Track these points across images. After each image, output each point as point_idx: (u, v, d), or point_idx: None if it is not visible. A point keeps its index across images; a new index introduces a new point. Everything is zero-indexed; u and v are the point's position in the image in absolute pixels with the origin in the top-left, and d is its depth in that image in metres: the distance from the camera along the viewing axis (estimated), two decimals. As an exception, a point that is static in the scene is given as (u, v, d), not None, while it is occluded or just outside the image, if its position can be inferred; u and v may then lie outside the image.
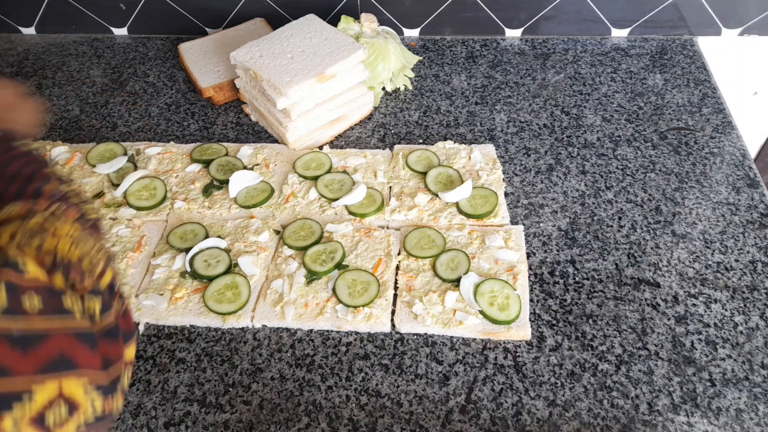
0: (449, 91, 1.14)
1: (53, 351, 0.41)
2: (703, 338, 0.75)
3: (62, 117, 1.14)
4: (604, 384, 0.71)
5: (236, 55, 1.00)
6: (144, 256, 0.86)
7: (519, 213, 0.90)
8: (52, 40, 1.35)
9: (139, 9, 1.30)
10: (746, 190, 0.92)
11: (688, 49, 1.20)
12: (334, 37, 1.02)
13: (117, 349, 0.48)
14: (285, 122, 0.98)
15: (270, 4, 1.26)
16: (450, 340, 0.76)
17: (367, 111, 1.09)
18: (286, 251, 0.85)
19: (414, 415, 0.69)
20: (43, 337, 0.41)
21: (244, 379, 0.74)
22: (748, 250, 0.84)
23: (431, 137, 1.04)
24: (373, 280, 0.80)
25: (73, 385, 0.42)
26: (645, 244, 0.85)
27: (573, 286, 0.81)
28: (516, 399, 0.70)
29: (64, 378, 0.41)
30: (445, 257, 0.82)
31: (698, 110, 1.06)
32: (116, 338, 0.48)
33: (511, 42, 1.25)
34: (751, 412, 0.68)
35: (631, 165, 0.97)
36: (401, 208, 0.90)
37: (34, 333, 0.41)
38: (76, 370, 0.43)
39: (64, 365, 0.42)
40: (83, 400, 0.43)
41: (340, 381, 0.73)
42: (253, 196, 0.93)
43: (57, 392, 0.41)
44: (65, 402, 0.42)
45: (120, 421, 0.70)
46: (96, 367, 0.44)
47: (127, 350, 0.50)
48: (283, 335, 0.78)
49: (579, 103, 1.09)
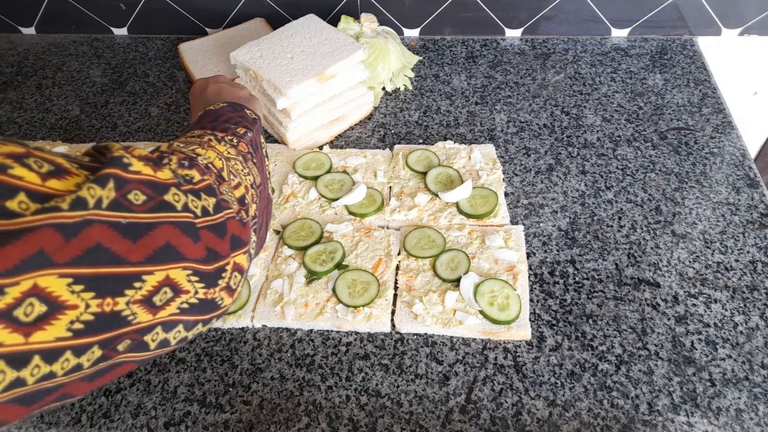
0: (449, 91, 1.14)
1: (160, 241, 0.44)
2: (703, 338, 0.75)
3: (62, 117, 1.14)
4: (604, 384, 0.71)
5: (236, 55, 1.00)
6: (144, 256, 0.86)
7: (519, 213, 0.90)
8: (52, 40, 1.35)
9: (139, 9, 1.30)
10: (746, 190, 0.92)
11: (688, 49, 1.20)
12: (334, 37, 1.02)
13: (222, 243, 0.51)
14: (285, 122, 0.98)
15: (270, 4, 1.26)
16: (450, 340, 0.76)
17: (367, 111, 1.09)
18: (286, 251, 0.85)
19: (414, 415, 0.69)
20: (150, 226, 0.44)
21: (244, 379, 0.74)
22: (748, 250, 0.84)
23: (431, 137, 1.04)
24: (373, 280, 0.80)
25: (178, 272, 0.46)
26: (645, 244, 0.85)
27: (573, 286, 0.81)
28: (516, 399, 0.70)
29: (171, 267, 0.45)
30: (445, 257, 0.82)
31: (698, 110, 1.06)
32: (223, 234, 0.51)
33: (511, 42, 1.25)
34: (751, 412, 0.68)
35: (631, 165, 0.97)
36: (401, 208, 0.90)
37: (141, 222, 0.43)
38: (182, 261, 0.46)
39: (170, 255, 0.45)
40: (186, 286, 0.47)
41: (340, 381, 0.73)
42: (253, 196, 0.93)
43: (164, 278, 0.45)
44: (170, 286, 0.45)
45: (120, 420, 0.70)
46: (199, 257, 0.48)
47: (235, 255, 0.53)
48: (283, 335, 0.78)
49: (579, 103, 1.09)
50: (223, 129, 0.65)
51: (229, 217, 0.53)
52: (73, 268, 0.38)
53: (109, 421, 0.70)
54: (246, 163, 0.62)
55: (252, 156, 0.65)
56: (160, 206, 0.45)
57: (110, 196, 0.42)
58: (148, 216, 0.44)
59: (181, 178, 0.50)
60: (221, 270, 0.51)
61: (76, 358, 0.40)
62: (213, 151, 0.58)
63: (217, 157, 0.58)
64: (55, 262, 0.37)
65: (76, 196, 0.39)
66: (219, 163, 0.57)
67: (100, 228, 0.40)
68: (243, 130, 0.67)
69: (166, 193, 0.47)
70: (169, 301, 0.46)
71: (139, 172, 0.45)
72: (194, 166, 0.53)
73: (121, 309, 0.42)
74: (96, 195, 0.41)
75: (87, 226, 0.39)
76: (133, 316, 0.43)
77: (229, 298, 0.53)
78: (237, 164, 0.60)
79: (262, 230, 0.65)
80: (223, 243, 0.51)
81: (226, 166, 0.58)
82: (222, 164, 0.58)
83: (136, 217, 0.43)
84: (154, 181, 0.46)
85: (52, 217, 0.37)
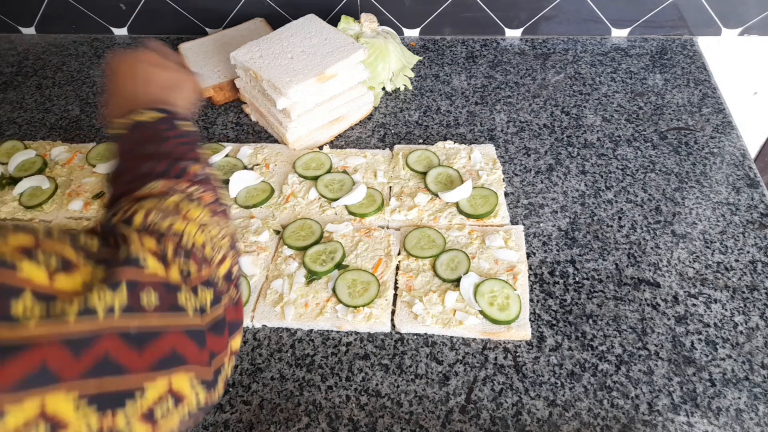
0: (449, 91, 1.14)
1: (166, 348, 0.41)
2: (703, 338, 0.75)
3: (62, 117, 1.14)
4: (604, 384, 0.71)
5: (236, 55, 1.00)
6: (144, 256, 0.86)
7: (519, 213, 0.90)
8: (52, 40, 1.35)
9: (139, 9, 1.30)
10: (746, 190, 0.92)
11: (688, 49, 1.20)
12: (334, 37, 1.02)
13: (221, 342, 0.47)
14: (285, 122, 0.98)
15: (270, 4, 1.26)
16: (450, 340, 0.76)
17: (367, 111, 1.09)
18: (286, 251, 0.85)
19: (414, 415, 0.69)
20: (157, 334, 0.41)
21: (244, 379, 0.74)
22: (748, 250, 0.84)
23: (431, 137, 1.04)
24: (373, 280, 0.80)
25: (182, 380, 0.42)
26: (645, 244, 0.85)
27: (573, 286, 0.81)
28: (516, 399, 0.70)
29: (174, 374, 0.41)
30: (445, 257, 0.82)
31: (698, 110, 1.06)
32: (221, 331, 0.47)
33: (511, 42, 1.25)
34: (751, 412, 0.68)
35: (631, 165, 0.97)
36: (401, 208, 0.90)
37: (150, 330, 0.40)
38: (185, 366, 0.42)
39: (175, 362, 0.42)
40: (189, 393, 0.44)
41: (340, 381, 0.73)
42: (253, 196, 0.93)
43: (167, 388, 0.41)
44: (172, 396, 0.42)
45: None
46: (203, 363, 0.44)
47: (233, 341, 0.49)
48: (283, 335, 0.78)
49: (579, 103, 1.09)
50: (178, 172, 0.55)
51: (224, 311, 0.48)
52: (81, 383, 0.36)
53: (109, 421, 0.70)
54: (218, 219, 0.55)
55: (215, 202, 0.56)
56: (172, 311, 0.42)
57: (122, 302, 0.39)
58: (158, 322, 0.41)
59: (182, 274, 0.45)
60: (220, 368, 0.47)
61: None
62: (192, 224, 0.51)
63: (198, 231, 0.51)
64: (63, 378, 0.35)
65: (85, 306, 0.37)
66: (201, 238, 0.51)
67: (110, 340, 0.38)
68: (196, 168, 0.57)
69: (177, 295, 0.43)
70: (171, 413, 0.42)
71: (155, 274, 0.42)
72: (191, 255, 0.47)
73: (120, 428, 0.38)
74: (107, 303, 0.38)
75: (97, 339, 0.37)
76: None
77: (222, 389, 0.49)
78: (213, 229, 0.53)
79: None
80: (222, 339, 0.47)
81: (208, 239, 0.51)
82: (203, 238, 0.51)
83: (146, 325, 0.40)
84: (167, 283, 0.43)
85: (58, 331, 0.35)
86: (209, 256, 0.50)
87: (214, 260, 0.51)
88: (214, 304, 0.47)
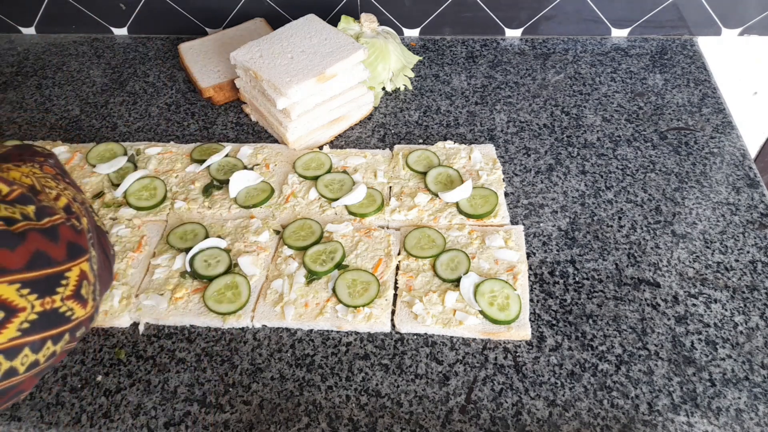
0: (449, 91, 1.14)
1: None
2: (703, 338, 0.75)
3: (62, 117, 1.14)
4: (604, 384, 0.71)
5: (236, 55, 1.00)
6: (144, 256, 0.86)
7: (519, 213, 0.90)
8: (52, 40, 1.35)
9: (139, 9, 1.30)
10: (746, 190, 0.92)
11: (688, 49, 1.20)
12: (334, 37, 1.02)
13: (55, 249, 0.49)
14: (285, 122, 0.98)
15: (270, 4, 1.26)
16: (450, 340, 0.76)
17: (367, 111, 1.09)
18: (286, 251, 0.85)
19: (414, 415, 0.69)
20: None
21: (244, 379, 0.74)
22: (748, 250, 0.84)
23: (431, 137, 1.04)
24: (373, 280, 0.80)
25: (4, 288, 0.43)
26: (645, 244, 0.85)
27: (573, 286, 0.81)
28: (516, 399, 0.70)
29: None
30: (445, 257, 0.82)
31: (698, 110, 1.06)
32: (54, 240, 0.49)
33: (511, 42, 1.25)
34: (751, 412, 0.68)
35: (631, 165, 0.97)
36: (401, 208, 0.89)
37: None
38: (3, 274, 0.43)
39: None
40: (20, 302, 0.44)
41: (340, 381, 0.73)
42: (253, 196, 0.93)
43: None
44: None
45: (120, 420, 0.70)
46: (19, 265, 0.45)
47: (78, 263, 0.51)
48: (283, 335, 0.78)
49: (579, 103, 1.09)
50: (18, 162, 0.62)
51: (59, 223, 0.51)
52: None
53: (109, 421, 0.70)
54: (58, 181, 0.60)
55: (63, 176, 0.63)
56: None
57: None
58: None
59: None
60: (59, 276, 0.48)
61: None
62: (16, 172, 0.56)
63: (22, 176, 0.55)
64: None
65: None
66: (27, 180, 0.55)
67: None
68: (42, 159, 0.64)
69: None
70: (5, 324, 0.43)
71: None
72: (11, 183, 0.51)
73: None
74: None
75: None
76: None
77: (82, 309, 0.51)
78: (48, 181, 0.58)
79: (104, 250, 0.63)
80: (57, 248, 0.49)
81: (36, 181, 0.56)
82: (31, 180, 0.55)
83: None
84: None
85: None
86: (38, 187, 0.54)
87: (49, 194, 0.55)
88: (40, 215, 0.50)
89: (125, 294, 0.81)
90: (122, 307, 0.80)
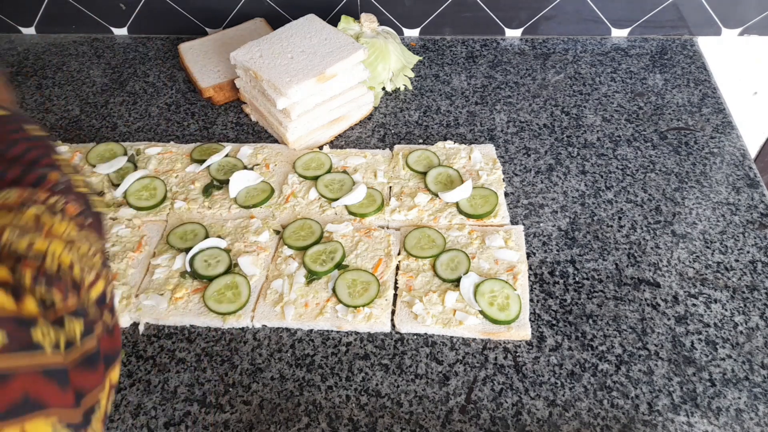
0: (449, 91, 1.14)
1: (16, 393, 0.36)
2: (703, 338, 0.75)
3: (62, 117, 1.14)
4: (604, 384, 0.71)
5: (236, 55, 1.00)
6: (144, 256, 0.86)
7: (519, 213, 0.90)
8: (52, 40, 1.35)
9: (139, 9, 1.30)
10: (746, 190, 0.92)
11: (688, 49, 1.20)
12: (334, 37, 1.02)
13: (94, 377, 0.42)
14: (285, 122, 0.98)
15: (270, 4, 1.26)
16: (450, 340, 0.76)
17: (367, 111, 1.09)
18: (286, 251, 0.85)
19: (414, 415, 0.69)
20: (5, 377, 0.35)
21: (244, 379, 0.74)
22: (748, 250, 0.84)
23: (431, 137, 1.04)
24: (373, 280, 0.80)
25: (40, 426, 0.37)
26: (645, 244, 0.85)
27: (573, 286, 0.81)
28: (516, 399, 0.70)
29: (28, 421, 0.36)
30: (445, 257, 0.82)
31: (698, 110, 1.06)
32: (95, 366, 0.42)
33: (511, 42, 1.25)
34: (751, 412, 0.68)
35: (631, 165, 0.97)
36: (401, 208, 0.90)
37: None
38: (44, 411, 0.37)
39: (28, 408, 0.36)
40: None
41: (340, 381, 0.73)
42: (253, 196, 0.93)
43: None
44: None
45: (120, 420, 0.70)
46: (67, 405, 0.39)
47: (109, 374, 0.44)
48: (283, 335, 0.78)
49: (579, 103, 1.09)
50: (35, 180, 0.48)
51: (99, 338, 0.42)
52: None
53: (109, 421, 0.70)
54: (86, 233, 0.48)
55: (82, 213, 0.49)
56: (23, 350, 0.36)
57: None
58: (5, 364, 0.36)
59: (42, 305, 0.39)
60: (94, 406, 0.42)
61: None
62: (57, 241, 0.44)
63: (64, 250, 0.44)
64: None
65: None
66: (67, 257, 0.43)
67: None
68: (55, 175, 0.49)
69: (32, 331, 0.37)
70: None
71: (2, 308, 0.36)
72: (53, 282, 0.41)
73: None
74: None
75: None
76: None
77: (102, 428, 0.43)
78: (82, 245, 0.46)
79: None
80: (95, 375, 0.41)
81: (76, 258, 0.44)
82: (71, 257, 0.44)
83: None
84: (18, 318, 0.37)
85: None
86: (78, 278, 0.44)
87: (84, 282, 0.44)
88: (86, 335, 0.41)
89: (125, 294, 0.81)
90: (122, 307, 0.80)
